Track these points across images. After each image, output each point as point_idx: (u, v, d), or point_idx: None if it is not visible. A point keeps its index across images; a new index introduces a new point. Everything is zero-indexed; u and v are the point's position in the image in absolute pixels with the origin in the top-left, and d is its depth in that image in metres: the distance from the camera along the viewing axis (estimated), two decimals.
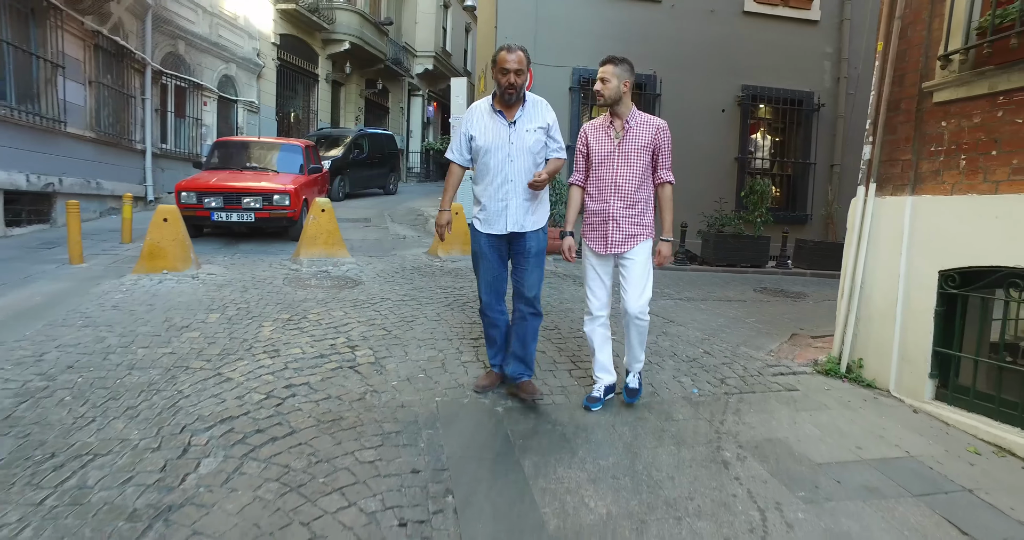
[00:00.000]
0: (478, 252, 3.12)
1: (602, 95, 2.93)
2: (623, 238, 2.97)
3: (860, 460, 2.69)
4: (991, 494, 2.43)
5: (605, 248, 3.00)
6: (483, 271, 3.14)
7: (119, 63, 10.11)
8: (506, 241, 3.09)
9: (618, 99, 2.93)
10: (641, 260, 2.98)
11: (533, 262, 3.09)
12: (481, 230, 3.08)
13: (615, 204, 2.96)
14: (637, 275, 2.97)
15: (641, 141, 2.94)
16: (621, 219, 2.96)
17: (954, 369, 3.19)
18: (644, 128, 2.96)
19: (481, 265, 3.13)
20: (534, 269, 3.10)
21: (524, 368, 3.15)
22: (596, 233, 3.04)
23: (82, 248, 6.07)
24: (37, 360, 3.35)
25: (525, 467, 2.51)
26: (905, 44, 3.43)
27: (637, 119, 2.98)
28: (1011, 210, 2.83)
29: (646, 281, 2.98)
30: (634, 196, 2.95)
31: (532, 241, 3.07)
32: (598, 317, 3.07)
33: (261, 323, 4.18)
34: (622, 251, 2.98)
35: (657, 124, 2.97)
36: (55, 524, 1.98)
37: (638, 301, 2.96)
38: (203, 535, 1.96)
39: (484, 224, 3.06)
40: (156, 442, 2.54)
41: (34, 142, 7.73)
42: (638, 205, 2.97)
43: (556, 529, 2.10)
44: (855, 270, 3.69)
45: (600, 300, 3.06)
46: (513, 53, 2.85)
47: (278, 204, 7.44)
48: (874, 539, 2.11)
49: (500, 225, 3.02)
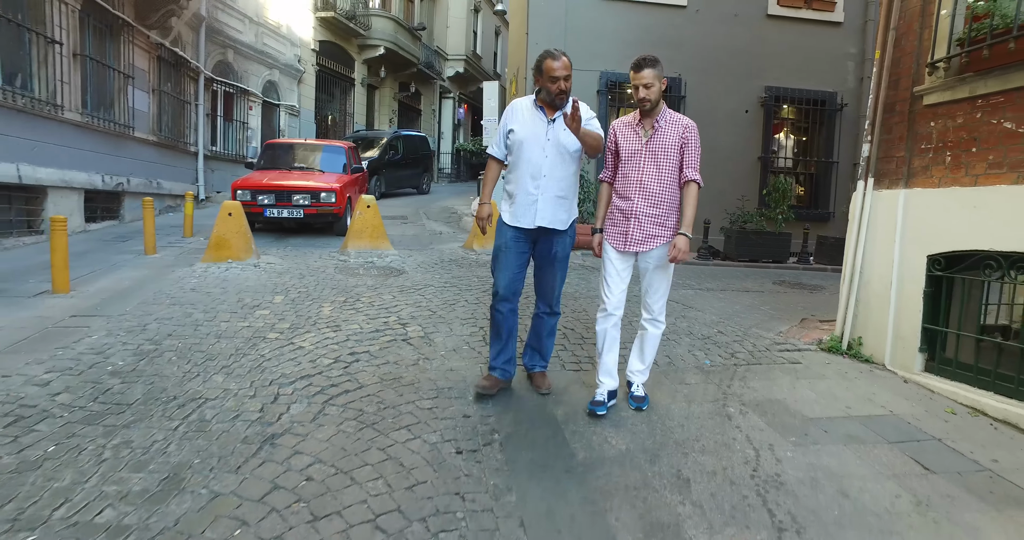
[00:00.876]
0: (502, 246, 3.10)
1: (648, 100, 2.88)
2: (643, 237, 2.95)
3: (848, 416, 3.10)
4: (957, 442, 2.83)
5: (624, 245, 2.99)
6: (503, 266, 3.10)
7: (177, 72, 10.90)
8: (532, 239, 3.10)
9: (659, 101, 2.93)
10: (662, 263, 2.97)
11: (558, 267, 3.14)
12: (509, 223, 3.08)
13: (639, 202, 2.94)
14: (656, 277, 2.99)
15: (669, 140, 2.91)
16: (644, 218, 2.94)
17: (940, 344, 3.57)
18: (673, 127, 2.93)
19: (502, 259, 3.10)
20: (558, 273, 3.15)
21: (539, 359, 3.30)
22: (617, 229, 3.03)
23: (155, 241, 6.75)
24: (142, 329, 3.95)
25: (557, 416, 2.99)
26: (899, 52, 3.81)
27: (667, 118, 2.95)
28: (986, 200, 3.21)
29: (665, 284, 3.01)
30: (659, 196, 2.93)
31: (558, 246, 3.10)
32: (612, 315, 3.04)
33: (321, 304, 4.74)
34: (641, 250, 2.97)
35: (685, 123, 2.94)
36: (190, 443, 2.53)
37: (657, 303, 3.02)
38: (302, 453, 2.49)
39: (512, 217, 3.07)
40: (251, 392, 3.09)
41: (108, 146, 8.49)
42: (662, 205, 2.94)
43: (584, 458, 2.58)
44: (855, 257, 4.08)
45: (615, 297, 3.03)
46: (559, 60, 2.88)
47: (325, 201, 8.06)
48: (849, 471, 2.54)
49: (528, 219, 3.02)
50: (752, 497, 2.33)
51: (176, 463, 2.38)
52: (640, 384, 3.15)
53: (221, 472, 2.32)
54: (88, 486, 2.19)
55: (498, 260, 3.13)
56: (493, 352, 3.23)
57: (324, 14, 16.41)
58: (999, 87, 3.13)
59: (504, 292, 3.11)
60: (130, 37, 8.92)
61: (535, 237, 3.09)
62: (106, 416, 2.75)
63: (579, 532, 2.09)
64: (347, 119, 19.20)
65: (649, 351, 3.13)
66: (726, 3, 10.15)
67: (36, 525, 1.96)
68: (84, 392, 2.98)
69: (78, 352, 3.51)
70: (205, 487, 2.22)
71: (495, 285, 3.15)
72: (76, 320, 4.14)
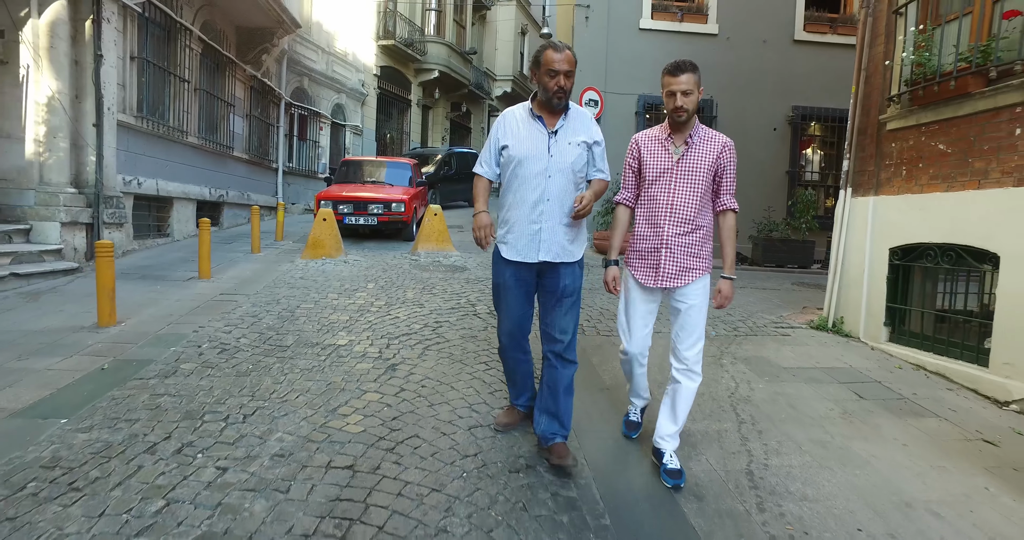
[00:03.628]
0: (501, 285, 2.64)
1: (685, 110, 2.48)
2: (678, 270, 2.54)
3: (814, 367, 4.07)
4: (892, 384, 3.78)
5: (655, 280, 2.57)
6: (507, 308, 2.65)
7: (264, 99, 12.52)
8: (535, 272, 2.63)
9: (694, 114, 2.54)
10: (699, 302, 2.56)
11: (568, 303, 2.61)
12: (508, 258, 2.60)
13: (669, 230, 2.53)
14: (693, 318, 2.56)
15: (704, 160, 2.53)
16: (676, 247, 2.53)
17: (899, 318, 4.49)
18: (707, 145, 2.55)
19: (504, 300, 2.64)
20: (569, 311, 2.62)
21: (557, 426, 2.63)
22: (644, 262, 2.61)
23: (260, 242, 8.15)
24: (276, 303, 5.22)
25: (593, 361, 4.06)
26: (869, 88, 4.78)
27: (700, 134, 2.56)
28: (927, 204, 4.15)
29: (701, 327, 2.58)
30: (692, 222, 2.53)
31: (568, 278, 2.61)
32: (634, 358, 2.71)
33: (405, 290, 5.94)
34: (675, 285, 2.56)
35: (723, 142, 2.57)
36: (335, 369, 3.71)
37: (692, 349, 2.56)
38: (415, 374, 3.64)
39: (512, 250, 2.59)
40: (369, 342, 4.27)
41: (214, 164, 10.04)
42: (697, 233, 2.55)
43: (609, 382, 3.65)
44: (838, 251, 5.03)
45: (639, 340, 2.66)
46: (561, 52, 2.49)
47: (395, 210, 9.36)
48: (802, 396, 3.53)
49: (531, 253, 2.56)
50: (726, 407, 3.36)
51: (330, 380, 3.55)
52: (673, 453, 2.59)
53: (364, 382, 3.49)
54: (282, 386, 3.38)
55: (499, 301, 2.69)
56: (512, 393, 2.96)
57: (385, 42, 18.04)
58: (933, 118, 4.08)
59: (508, 340, 2.73)
60: (232, 72, 10.52)
61: (539, 270, 2.63)
62: (275, 351, 3.97)
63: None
64: (404, 137, 20.78)
65: (683, 409, 2.61)
66: (755, 30, 11.11)
67: (266, 397, 3.16)
68: (254, 338, 4.23)
69: (238, 315, 4.79)
70: (355, 389, 3.39)
71: (499, 326, 2.74)
72: (225, 296, 5.45)
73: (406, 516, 2.17)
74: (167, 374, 3.48)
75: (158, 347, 3.97)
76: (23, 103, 5.93)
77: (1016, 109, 3.45)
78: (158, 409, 3.00)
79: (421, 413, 3.08)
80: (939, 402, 3.50)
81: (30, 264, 5.62)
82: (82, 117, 6.35)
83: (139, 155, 7.72)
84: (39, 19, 5.81)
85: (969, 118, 3.79)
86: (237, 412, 3.00)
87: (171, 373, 3.50)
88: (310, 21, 14.63)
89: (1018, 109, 3.44)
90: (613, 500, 2.41)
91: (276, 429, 2.83)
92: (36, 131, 5.99)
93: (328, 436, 2.77)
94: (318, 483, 2.36)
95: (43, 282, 5.58)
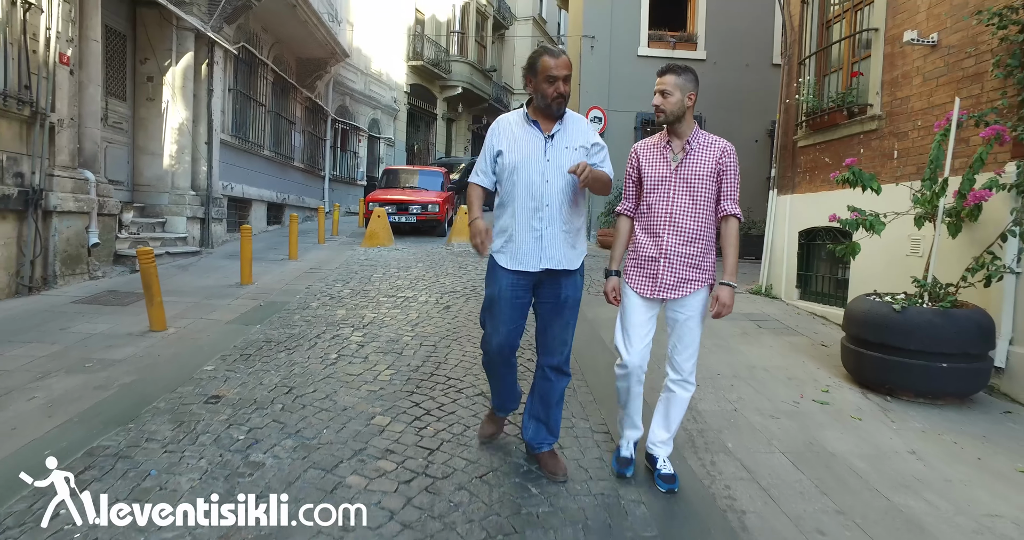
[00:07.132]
0: (496, 296, 2.54)
1: (662, 111, 2.47)
2: (676, 281, 2.50)
3: (737, 313, 5.83)
4: (786, 320, 5.54)
5: (653, 291, 2.53)
6: (499, 320, 2.54)
7: (315, 116, 14.55)
8: (533, 282, 2.55)
9: (681, 115, 2.48)
10: (696, 314, 2.54)
11: (568, 315, 2.58)
12: (506, 266, 2.52)
13: (669, 239, 2.50)
14: (689, 331, 2.54)
15: (703, 166, 2.49)
16: (676, 258, 2.49)
17: (805, 282, 6.24)
18: (707, 150, 2.51)
19: (498, 311, 2.54)
20: (568, 323, 2.59)
21: (546, 434, 2.65)
22: (642, 272, 2.57)
23: (324, 235, 10.10)
24: (352, 275, 7.11)
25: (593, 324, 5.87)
26: (787, 115, 6.56)
27: (699, 140, 2.53)
28: (819, 200, 5.91)
29: (698, 339, 2.58)
30: (693, 232, 2.49)
31: (568, 288, 2.56)
32: (633, 371, 2.56)
33: (447, 267, 7.80)
34: (673, 297, 2.52)
35: (722, 146, 2.52)
36: (408, 308, 5.56)
37: (689, 361, 2.57)
38: (463, 311, 5.46)
39: (511, 259, 2.51)
40: (428, 296, 6.11)
41: (279, 172, 12.04)
42: (698, 243, 2.50)
43: (609, 343, 5.46)
44: (769, 235, 6.79)
45: (636, 352, 2.55)
46: (558, 57, 2.43)
47: (431, 211, 11.27)
48: (717, 326, 5.29)
49: (532, 260, 2.49)
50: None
51: (408, 313, 5.39)
52: (666, 458, 2.65)
53: (431, 314, 5.33)
54: (379, 315, 5.23)
55: (492, 313, 2.57)
56: (495, 403, 2.83)
57: (415, 63, 20.09)
58: (821, 139, 5.85)
59: (497, 353, 2.59)
60: (294, 95, 12.56)
61: (538, 280, 2.56)
62: (367, 299, 5.84)
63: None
64: (430, 148, 22.80)
65: (676, 417, 2.65)
66: (739, 56, 12.87)
67: (371, 320, 5.01)
68: (349, 292, 6.11)
69: (332, 279, 6.69)
70: (426, 317, 5.22)
71: (486, 341, 2.60)
72: (315, 270, 7.36)
73: (464, 370, 4.02)
74: (303, 307, 5.38)
75: (287, 295, 5.87)
76: (163, 129, 7.92)
77: (860, 136, 5.22)
78: (309, 322, 4.88)
79: (467, 329, 4.92)
80: (809, 329, 5.26)
81: (172, 246, 7.59)
82: (198, 137, 8.33)
83: (231, 165, 9.72)
84: (176, 66, 7.81)
85: (839, 141, 5.57)
86: (357, 324, 4.87)
87: (305, 307, 5.39)
88: (351, 47, 16.69)
89: (861, 136, 5.21)
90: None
91: (383, 334, 4.68)
92: (170, 149, 7.98)
93: (416, 335, 4.63)
94: (416, 351, 4.21)
95: (183, 260, 7.54)
